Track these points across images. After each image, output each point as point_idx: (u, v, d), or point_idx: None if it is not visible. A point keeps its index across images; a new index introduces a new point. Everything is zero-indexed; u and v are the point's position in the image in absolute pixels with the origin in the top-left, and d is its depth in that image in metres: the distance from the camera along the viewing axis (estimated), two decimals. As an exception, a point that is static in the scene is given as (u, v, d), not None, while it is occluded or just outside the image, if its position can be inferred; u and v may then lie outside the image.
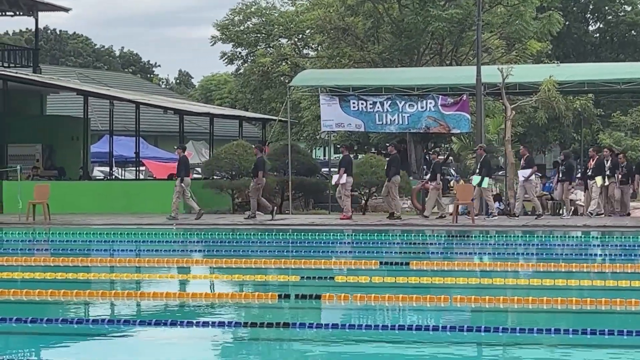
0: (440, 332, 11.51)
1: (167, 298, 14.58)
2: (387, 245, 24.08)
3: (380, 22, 43.24)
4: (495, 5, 42.90)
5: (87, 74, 65.28)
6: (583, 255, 22.48)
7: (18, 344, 11.38)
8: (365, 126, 32.79)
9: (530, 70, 35.21)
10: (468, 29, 41.50)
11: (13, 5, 40.12)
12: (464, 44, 43.61)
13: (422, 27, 41.61)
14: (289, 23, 48.04)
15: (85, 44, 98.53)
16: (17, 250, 22.81)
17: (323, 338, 11.47)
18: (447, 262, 18.95)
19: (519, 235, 25.61)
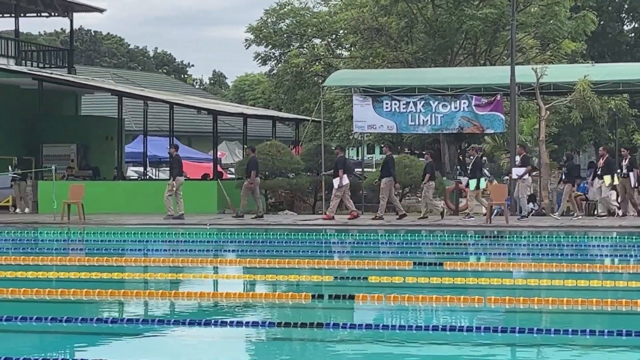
0: (474, 333, 11.47)
1: (201, 298, 14.60)
2: (421, 245, 24.01)
3: (414, 21, 43.13)
4: (530, 5, 42.73)
5: (121, 74, 65.54)
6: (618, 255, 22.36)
7: (53, 343, 11.43)
8: (397, 127, 32.73)
9: (565, 70, 35.04)
10: (502, 29, 41.37)
11: (48, 6, 40.34)
12: (497, 43, 43.47)
13: (456, 27, 41.50)
14: (323, 23, 48.09)
15: (119, 45, 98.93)
16: (52, 249, 22.92)
17: (356, 338, 11.46)
18: (481, 263, 18.89)
19: (553, 236, 25.47)
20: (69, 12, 41.20)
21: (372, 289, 14.98)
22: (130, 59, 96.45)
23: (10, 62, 37.47)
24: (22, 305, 13.83)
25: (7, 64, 36.92)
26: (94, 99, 48.81)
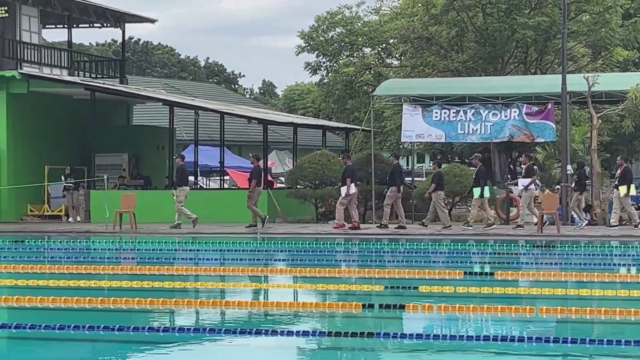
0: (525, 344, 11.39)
1: (252, 307, 14.64)
2: (471, 255, 23.91)
3: (465, 30, 43.06)
4: (581, 13, 42.51)
5: (172, 84, 65.92)
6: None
7: (105, 352, 11.49)
8: (446, 136, 32.65)
9: (617, 79, 34.78)
10: (553, 37, 41.18)
11: (100, 17, 40.64)
12: (549, 52, 43.29)
13: (507, 35, 41.39)
14: (373, 32, 48.04)
15: (170, 55, 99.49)
16: (104, 258, 23.09)
17: (407, 348, 11.43)
18: (532, 272, 18.77)
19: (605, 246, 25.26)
20: (121, 22, 41.50)
21: (423, 299, 14.95)
22: (181, 69, 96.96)
23: (63, 73, 37.79)
24: (75, 313, 13.92)
25: (60, 75, 37.24)
26: (145, 109, 49.11)
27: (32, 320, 12.79)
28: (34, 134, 35.21)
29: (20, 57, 35.65)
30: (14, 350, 11.80)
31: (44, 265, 20.26)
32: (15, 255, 23.62)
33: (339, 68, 48.87)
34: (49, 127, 35.95)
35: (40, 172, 34.77)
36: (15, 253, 24.28)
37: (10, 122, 34.49)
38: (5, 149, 33.94)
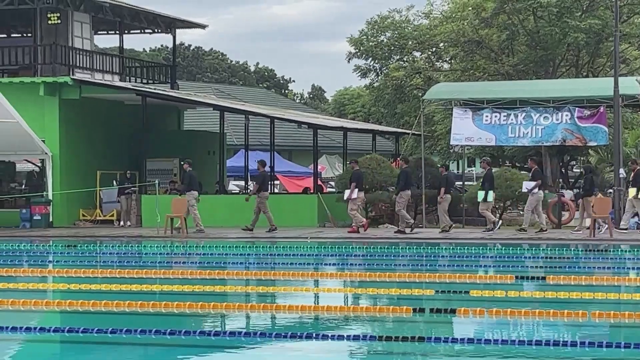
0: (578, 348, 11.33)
1: (302, 311, 14.66)
2: (523, 259, 23.77)
3: (515, 34, 42.90)
4: (634, 16, 42.26)
5: (222, 89, 66.18)
6: None
7: (157, 356, 11.56)
8: (496, 139, 32.54)
9: (670, 81, 34.51)
10: (605, 40, 40.93)
11: (151, 23, 40.90)
12: (601, 55, 43.01)
13: (559, 38, 41.18)
14: (423, 36, 47.94)
15: (220, 60, 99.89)
16: (155, 262, 23.20)
17: (458, 353, 11.41)
18: (584, 277, 18.65)
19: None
20: (172, 28, 41.75)
21: (474, 303, 14.91)
22: (232, 74, 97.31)
23: (114, 78, 38.06)
24: (127, 317, 14.02)
25: (112, 80, 37.51)
26: (196, 114, 49.35)
27: (85, 324, 12.90)
28: (85, 139, 35.49)
29: (73, 63, 35.94)
30: (67, 354, 11.91)
31: (96, 269, 20.42)
32: (68, 260, 23.84)
33: (389, 72, 48.84)
34: (101, 133, 36.24)
35: (92, 177, 35.05)
36: (68, 257, 24.50)
37: (63, 128, 34.79)
38: (57, 154, 34.23)
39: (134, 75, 40.67)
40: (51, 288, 18.30)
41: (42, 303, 15.47)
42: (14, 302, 14.88)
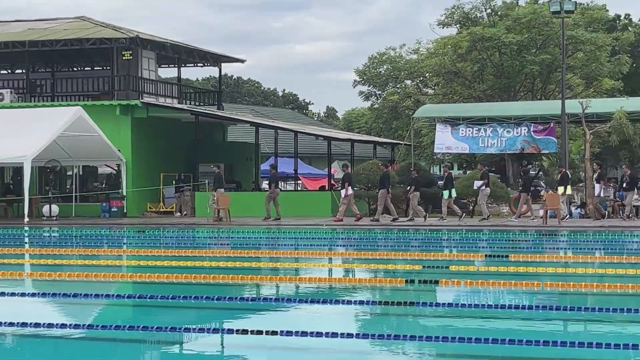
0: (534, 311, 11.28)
1: (319, 282, 14.65)
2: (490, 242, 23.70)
3: (484, 66, 42.86)
4: (577, 52, 42.12)
5: (257, 110, 66.16)
6: None
7: (207, 317, 11.58)
8: (469, 148, 32.56)
9: (605, 103, 34.45)
10: (554, 71, 40.88)
11: (202, 58, 41.02)
12: (551, 82, 42.96)
13: (518, 70, 41.21)
14: (412, 68, 47.94)
15: (256, 87, 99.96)
16: (205, 244, 23.24)
17: (440, 315, 11.38)
18: (538, 255, 18.61)
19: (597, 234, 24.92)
20: (218, 62, 41.82)
21: (452, 276, 14.88)
22: (264, 98, 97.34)
23: (174, 102, 38.17)
24: (183, 287, 14.05)
25: (172, 103, 37.62)
26: (237, 129, 49.40)
27: (151, 292, 12.94)
28: (151, 148, 35.58)
29: (142, 90, 36.04)
30: (138, 316, 11.93)
31: (159, 249, 20.46)
32: (138, 242, 23.89)
33: (386, 96, 48.83)
34: (163, 143, 36.32)
35: (156, 178, 35.14)
36: (138, 240, 24.56)
37: (134, 140, 34.88)
38: (130, 160, 34.34)
39: (189, 99, 40.78)
40: (125, 264, 18.35)
41: (117, 275, 15.51)
42: (97, 275, 14.94)
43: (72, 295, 12.55)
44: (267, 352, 9.06)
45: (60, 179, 36.35)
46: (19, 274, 15.77)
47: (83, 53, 38.57)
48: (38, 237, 26.24)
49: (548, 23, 40.46)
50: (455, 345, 8.94)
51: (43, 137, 30.44)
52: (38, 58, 39.20)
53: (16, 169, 34.62)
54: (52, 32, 37.11)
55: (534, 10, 41.91)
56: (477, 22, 45.21)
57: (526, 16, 41.44)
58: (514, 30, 41.25)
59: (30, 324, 10.14)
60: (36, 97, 37.06)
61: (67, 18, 40.53)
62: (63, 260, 17.91)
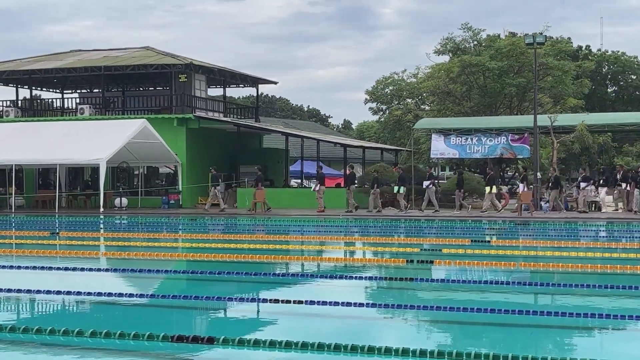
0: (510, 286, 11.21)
1: (336, 261, 14.63)
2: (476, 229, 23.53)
3: (472, 87, 42.65)
4: (546, 76, 41.91)
5: (287, 122, 66.16)
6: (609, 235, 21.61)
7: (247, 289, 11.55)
8: (459, 154, 32.37)
9: (569, 118, 34.13)
10: (528, 91, 40.62)
11: (243, 80, 41.08)
12: (526, 100, 42.68)
13: (499, 90, 40.98)
14: (412, 89, 47.84)
15: (286, 104, 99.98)
16: (245, 230, 23.27)
17: (434, 288, 11.35)
18: (514, 241, 18.49)
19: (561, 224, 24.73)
20: (256, 84, 41.88)
21: (445, 257, 14.83)
22: (293, 112, 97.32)
23: (220, 115, 38.24)
24: (226, 264, 14.07)
25: (219, 116, 37.69)
26: (270, 137, 49.28)
27: (202, 269, 12.97)
28: (201, 153, 35.67)
29: (194, 106, 36.14)
30: (191, 288, 11.97)
31: (208, 233, 20.51)
32: (191, 228, 23.98)
33: (391, 111, 48.72)
34: (211, 149, 36.41)
35: (206, 177, 35.20)
36: (191, 226, 24.64)
37: (188, 146, 34.98)
38: (184, 162, 34.44)
39: (232, 113, 40.85)
40: (180, 245, 18.41)
41: (175, 255, 15.56)
42: (158, 254, 14.99)
43: (138, 271, 12.61)
44: (294, 317, 9.06)
45: (129, 177, 36.51)
46: (95, 253, 15.87)
47: (147, 76, 38.71)
48: (111, 223, 26.40)
49: (524, 52, 40.28)
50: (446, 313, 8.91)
51: (115, 143, 30.59)
52: (111, 80, 39.39)
53: (94, 169, 34.82)
54: (123, 59, 37.28)
55: (512, 42, 41.74)
56: (466, 51, 45.04)
57: (506, 47, 41.29)
58: (496, 58, 41.06)
59: (104, 294, 10.19)
60: (109, 111, 37.25)
61: (135, 48, 40.72)
62: (131, 242, 17.99)
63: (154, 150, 32.78)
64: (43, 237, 19.16)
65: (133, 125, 31.80)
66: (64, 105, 40.32)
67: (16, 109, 37.90)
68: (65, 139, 31.15)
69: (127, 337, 7.43)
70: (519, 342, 7.89)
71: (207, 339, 7.31)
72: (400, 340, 7.61)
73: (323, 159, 48.23)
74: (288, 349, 7.06)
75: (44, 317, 9.28)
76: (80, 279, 12.06)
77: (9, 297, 10.15)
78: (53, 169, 34.01)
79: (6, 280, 11.64)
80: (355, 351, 6.95)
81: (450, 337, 8.27)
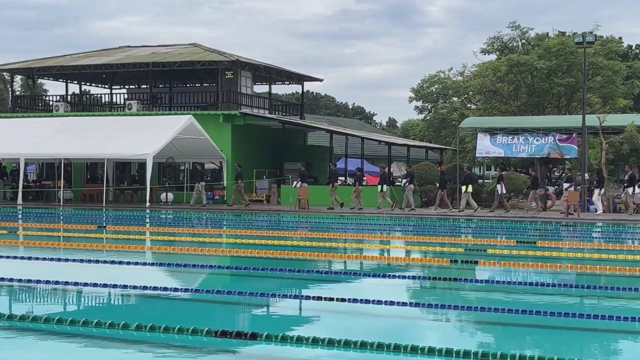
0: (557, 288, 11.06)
1: (379, 260, 14.59)
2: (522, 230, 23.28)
3: (519, 86, 42.14)
4: (596, 76, 41.21)
5: (331, 119, 66.21)
6: None
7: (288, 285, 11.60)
8: (505, 153, 32.05)
9: (618, 118, 33.58)
10: (577, 91, 40.00)
11: (288, 77, 41.21)
12: (574, 100, 42.02)
13: (547, 90, 40.41)
14: (458, 87, 47.43)
15: (330, 101, 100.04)
16: (289, 227, 23.34)
17: (478, 289, 11.25)
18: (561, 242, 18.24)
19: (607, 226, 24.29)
20: (301, 81, 41.97)
21: (489, 257, 14.69)
22: (337, 110, 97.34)
23: (265, 112, 38.41)
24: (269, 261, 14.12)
25: (264, 113, 37.86)
26: (315, 135, 49.32)
27: (245, 264, 13.04)
28: (247, 149, 35.89)
29: (240, 102, 36.36)
30: (234, 283, 12.05)
31: (252, 229, 20.62)
32: (235, 224, 24.13)
33: (437, 110, 48.38)
34: (256, 145, 36.61)
35: (250, 173, 35.43)
36: (236, 222, 24.81)
37: (234, 143, 35.22)
38: (230, 158, 34.68)
39: (277, 110, 40.99)
40: (224, 241, 18.55)
41: (218, 250, 15.68)
42: (202, 249, 15.13)
43: (182, 265, 12.74)
44: (337, 315, 9.05)
45: (174, 173, 36.90)
46: (141, 247, 16.07)
47: (194, 72, 39.08)
48: (157, 218, 26.73)
49: (573, 52, 39.70)
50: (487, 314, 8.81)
51: (162, 139, 30.94)
52: (159, 76, 39.85)
53: (140, 164, 35.30)
54: (170, 56, 37.68)
55: (561, 41, 41.13)
56: (514, 50, 44.49)
57: (555, 46, 40.71)
58: (544, 57, 40.50)
59: (149, 287, 10.31)
60: (157, 107, 37.69)
61: (182, 44, 41.14)
62: (176, 237, 18.18)
63: (200, 146, 33.07)
64: (90, 231, 19.47)
65: (179, 121, 32.11)
66: (112, 100, 40.96)
67: (66, 104, 38.59)
68: (113, 134, 31.60)
69: (172, 331, 7.50)
70: (563, 344, 7.77)
71: (250, 335, 7.35)
72: (444, 341, 7.56)
73: (367, 156, 48.19)
74: (331, 347, 7.06)
75: (91, 309, 9.43)
76: (126, 272, 12.22)
77: (56, 289, 10.34)
78: (101, 163, 34.56)
79: (54, 272, 11.86)
80: (398, 350, 6.92)
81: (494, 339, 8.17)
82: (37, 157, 33.70)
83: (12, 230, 19.51)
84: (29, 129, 33.22)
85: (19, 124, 34.49)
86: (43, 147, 31.60)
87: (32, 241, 16.25)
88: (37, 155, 32.39)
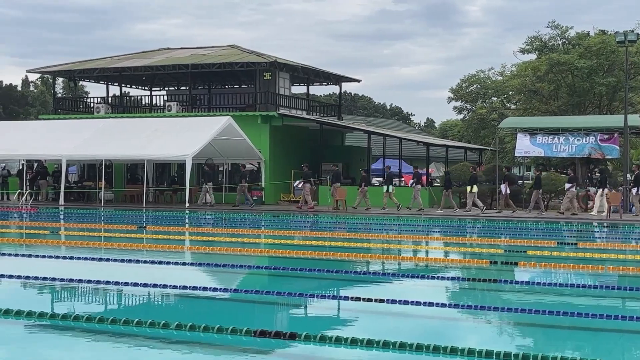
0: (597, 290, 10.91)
1: (416, 260, 14.52)
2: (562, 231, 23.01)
3: (560, 86, 41.64)
4: (637, 75, 40.54)
5: (369, 120, 66.08)
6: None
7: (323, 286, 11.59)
8: (545, 152, 31.69)
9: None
10: (619, 90, 39.43)
11: (326, 78, 41.24)
12: (616, 100, 41.42)
13: (588, 89, 39.86)
14: (498, 87, 47.04)
15: (368, 102, 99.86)
16: (326, 227, 23.34)
17: (517, 290, 11.14)
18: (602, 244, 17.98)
19: None
20: (339, 82, 41.96)
21: (529, 259, 14.54)
22: (375, 110, 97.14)
23: (303, 113, 38.45)
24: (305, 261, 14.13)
25: (302, 114, 37.91)
26: (353, 135, 49.27)
27: (282, 264, 13.07)
28: (285, 150, 35.99)
29: (278, 103, 36.48)
30: (272, 284, 12.10)
31: (289, 230, 20.67)
32: (273, 224, 24.22)
33: (476, 110, 48.04)
34: (294, 146, 36.68)
35: (288, 174, 35.52)
36: (273, 222, 24.90)
37: (272, 143, 35.35)
38: (268, 159, 34.82)
39: (315, 111, 41.01)
40: (263, 241, 18.63)
41: (256, 250, 15.74)
42: (241, 250, 15.21)
43: (222, 265, 12.82)
44: (376, 315, 9.05)
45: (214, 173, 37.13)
46: (180, 247, 16.22)
47: (233, 74, 39.32)
48: (196, 218, 26.94)
49: (614, 51, 39.11)
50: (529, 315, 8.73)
51: (201, 140, 31.17)
52: (198, 77, 40.18)
53: (180, 165, 35.62)
54: (209, 57, 37.97)
55: (602, 40, 40.55)
56: (554, 49, 43.98)
57: (596, 45, 40.15)
58: (585, 56, 39.97)
59: (189, 287, 10.40)
60: (196, 108, 38.00)
61: (221, 46, 41.42)
62: (215, 237, 18.31)
63: (238, 147, 33.25)
64: (131, 231, 19.71)
65: (218, 122, 32.32)
66: (152, 102, 41.40)
67: (106, 106, 39.12)
68: (153, 135, 31.93)
69: (211, 330, 7.56)
70: (604, 346, 7.66)
71: (289, 335, 7.38)
72: (483, 342, 7.50)
73: (405, 157, 48.01)
74: (370, 347, 7.05)
75: (132, 309, 9.55)
76: (166, 272, 12.35)
77: (97, 289, 10.49)
78: (141, 164, 34.94)
79: (95, 271, 12.03)
80: (437, 351, 6.89)
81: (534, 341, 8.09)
82: (78, 158, 34.20)
83: (55, 230, 19.83)
84: (71, 130, 33.74)
85: (61, 126, 35.05)
86: (84, 148, 32.07)
87: (73, 241, 16.50)
88: (79, 156, 32.87)
